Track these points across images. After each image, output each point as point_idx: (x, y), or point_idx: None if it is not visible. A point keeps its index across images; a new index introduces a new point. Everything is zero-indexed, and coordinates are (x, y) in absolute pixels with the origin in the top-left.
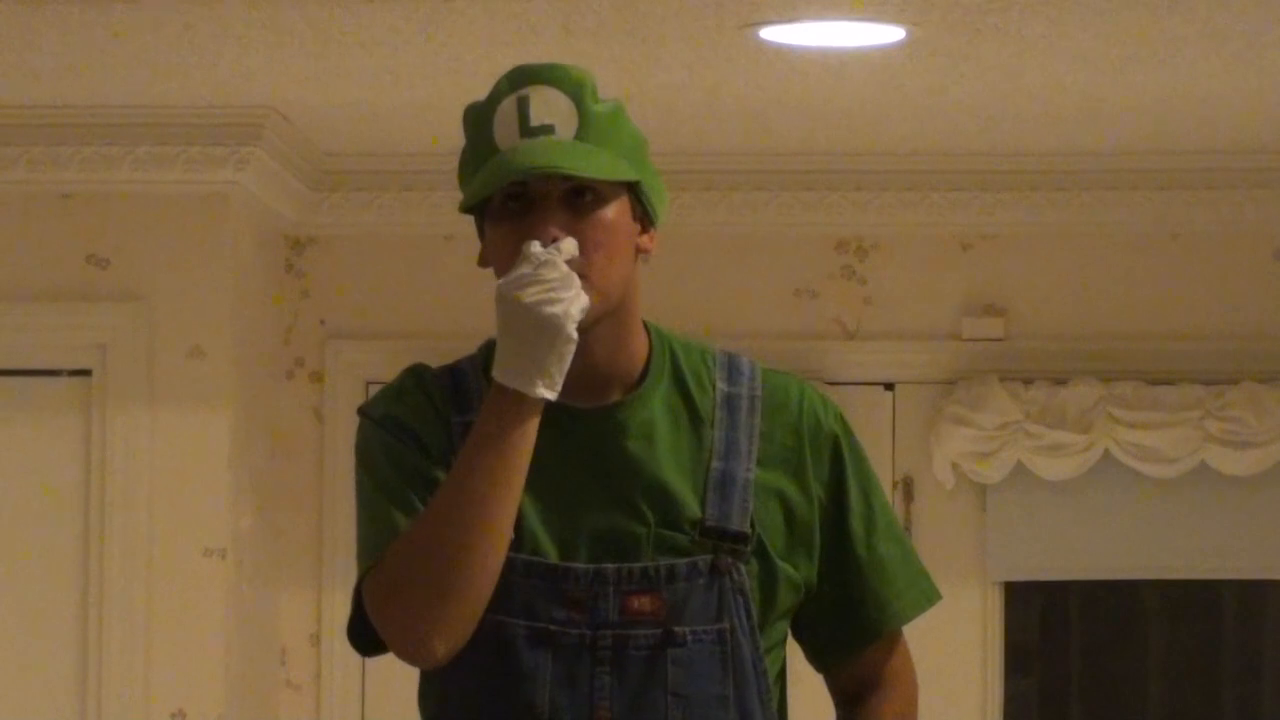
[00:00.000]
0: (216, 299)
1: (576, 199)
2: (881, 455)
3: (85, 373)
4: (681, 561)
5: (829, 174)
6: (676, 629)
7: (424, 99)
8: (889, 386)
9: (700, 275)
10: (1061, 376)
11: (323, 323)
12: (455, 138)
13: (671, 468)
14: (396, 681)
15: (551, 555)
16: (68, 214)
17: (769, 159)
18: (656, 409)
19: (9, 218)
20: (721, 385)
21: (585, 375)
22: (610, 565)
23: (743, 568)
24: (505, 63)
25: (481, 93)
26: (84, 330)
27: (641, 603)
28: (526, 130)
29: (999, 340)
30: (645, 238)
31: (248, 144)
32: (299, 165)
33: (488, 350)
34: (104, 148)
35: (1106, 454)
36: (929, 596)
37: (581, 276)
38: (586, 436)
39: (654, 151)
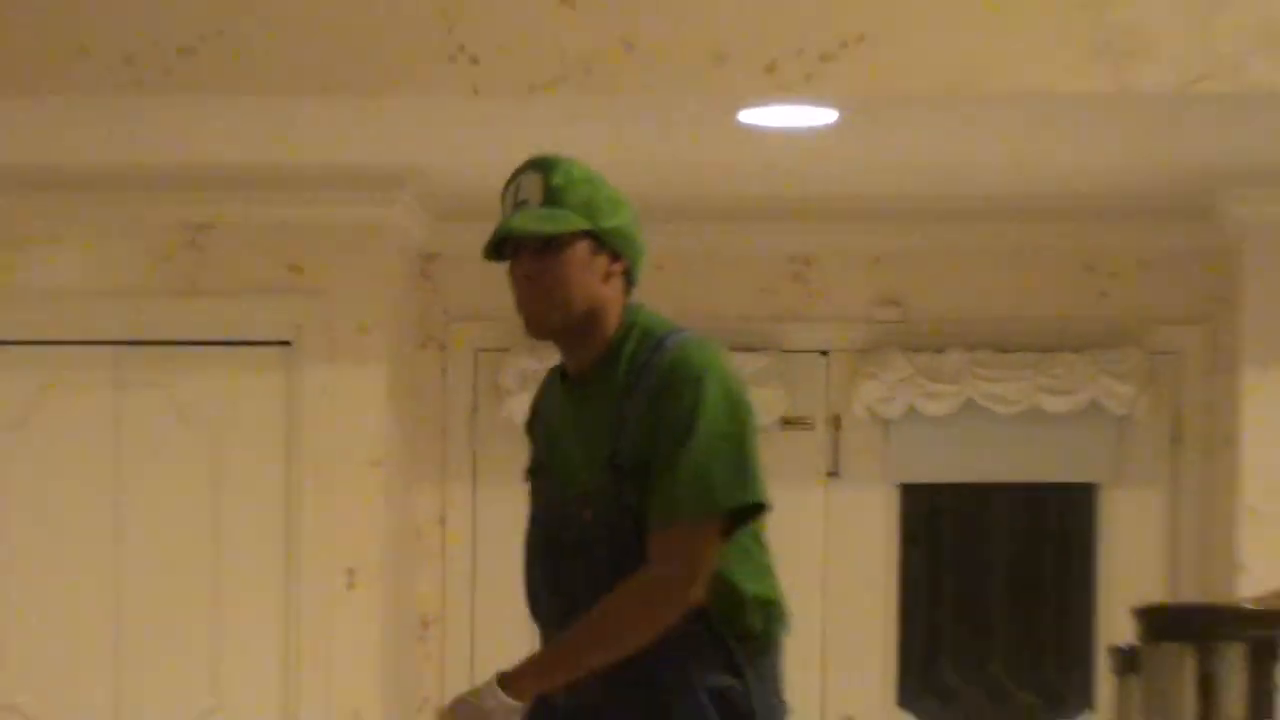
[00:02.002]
0: (375, 293)
1: (545, 246)
2: (817, 401)
3: (287, 343)
4: (600, 485)
5: (783, 209)
6: (593, 519)
7: (507, 160)
8: (824, 353)
9: (699, 279)
10: (939, 347)
11: (445, 311)
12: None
13: (597, 423)
14: (501, 545)
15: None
16: (278, 236)
17: (743, 199)
18: (597, 382)
19: (238, 238)
20: (643, 359)
21: (571, 358)
22: (570, 489)
23: (630, 488)
24: (557, 140)
25: (535, 148)
26: (286, 314)
27: (575, 509)
28: (514, 204)
29: (898, 323)
30: (616, 265)
31: (396, 189)
32: (430, 203)
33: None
34: (302, 192)
35: (969, 400)
36: (697, 507)
37: (558, 302)
38: (569, 398)
39: (667, 194)
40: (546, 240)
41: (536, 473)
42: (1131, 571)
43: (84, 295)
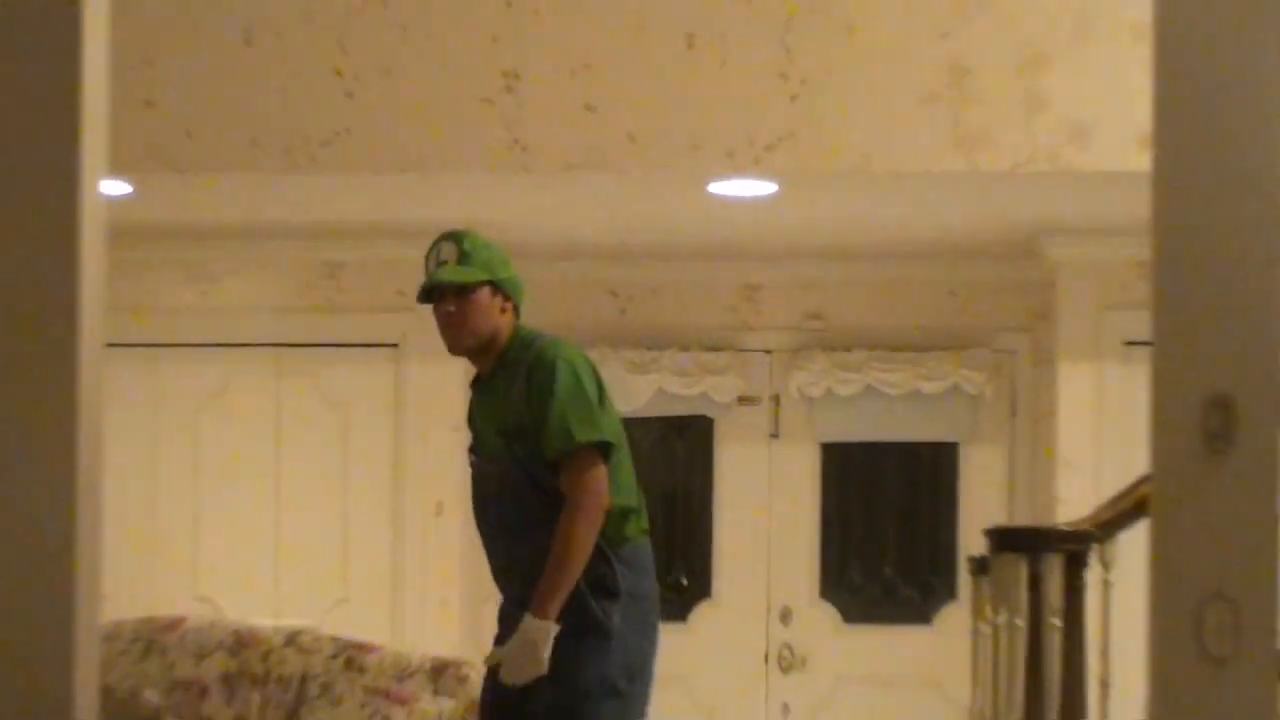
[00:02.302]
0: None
1: (459, 291)
2: (764, 385)
3: (395, 345)
4: (500, 447)
5: (739, 251)
6: (498, 472)
7: (546, 215)
8: (769, 352)
9: (682, 300)
10: (848, 347)
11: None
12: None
13: (497, 406)
14: None
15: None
16: (388, 270)
17: (711, 244)
18: (497, 381)
19: (361, 272)
20: (521, 358)
21: (479, 365)
22: (485, 454)
23: (517, 446)
24: (579, 203)
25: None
26: (395, 326)
27: (490, 467)
28: (436, 262)
29: (820, 331)
30: (507, 302)
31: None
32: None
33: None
34: (403, 239)
35: (868, 385)
36: (564, 445)
37: (469, 329)
38: (480, 393)
39: (658, 240)
40: (461, 287)
41: (472, 450)
42: (982, 504)
43: (256, 311)
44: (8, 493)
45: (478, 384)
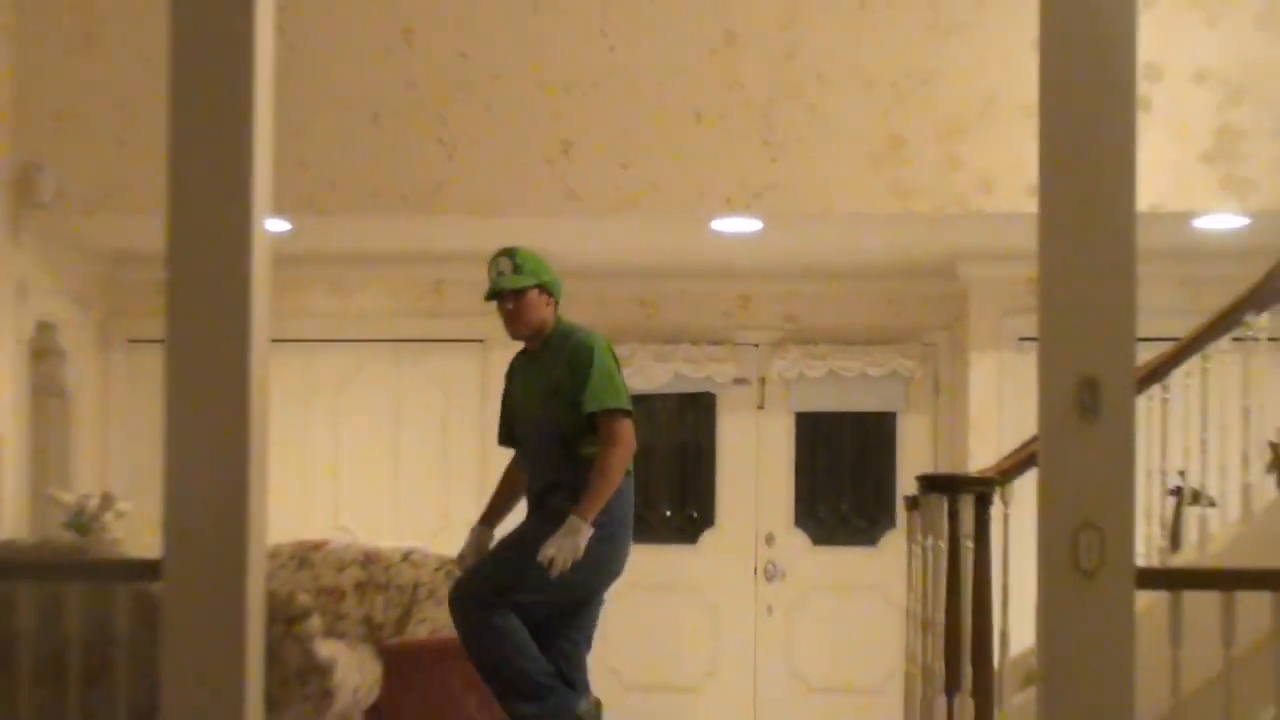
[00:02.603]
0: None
1: (515, 294)
2: (753, 369)
3: (481, 341)
4: (536, 407)
5: (734, 271)
6: (535, 424)
7: (592, 245)
8: (756, 345)
9: (692, 306)
10: (815, 341)
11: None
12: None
13: (542, 376)
14: None
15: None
16: (477, 287)
17: (714, 265)
18: (543, 357)
19: (459, 287)
20: (563, 344)
21: (530, 345)
22: (528, 414)
23: (551, 405)
24: (617, 238)
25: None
26: (481, 327)
27: (529, 423)
28: (496, 273)
29: (794, 329)
30: (550, 299)
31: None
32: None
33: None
34: (482, 263)
35: (830, 369)
36: (603, 404)
37: (524, 322)
38: (527, 366)
39: (676, 262)
40: (516, 290)
41: (511, 411)
42: (913, 457)
43: (380, 316)
44: (202, 449)
45: (524, 359)
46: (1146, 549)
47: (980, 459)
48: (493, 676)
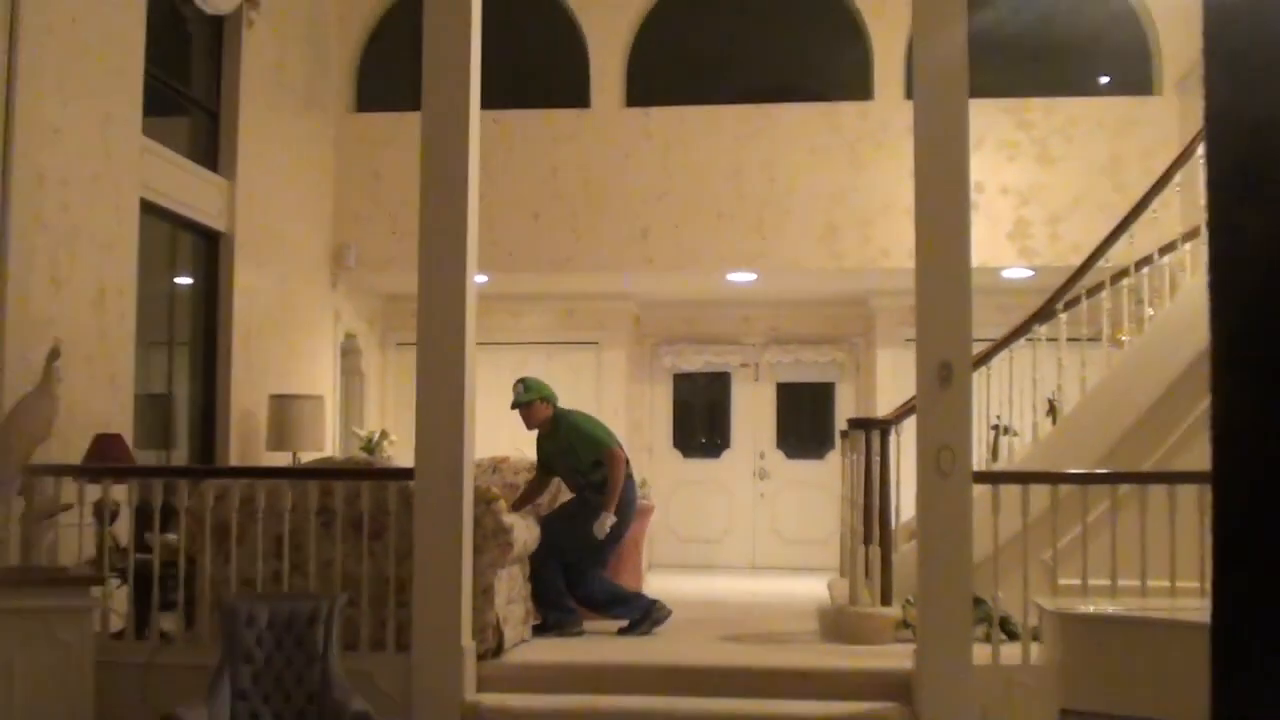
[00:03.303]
0: (622, 327)
1: (525, 405)
2: (751, 359)
3: (595, 343)
4: (554, 461)
5: (740, 300)
6: (558, 468)
7: (669, 290)
8: (754, 345)
9: (714, 323)
10: (788, 342)
11: (642, 331)
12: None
13: (552, 447)
14: (661, 406)
15: (549, 462)
16: (594, 310)
17: (728, 298)
18: (554, 434)
19: (588, 309)
20: (560, 425)
21: (542, 430)
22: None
23: (560, 460)
24: (674, 285)
25: (676, 286)
26: (594, 332)
27: (551, 468)
28: (516, 393)
29: (776, 334)
30: (546, 404)
31: (629, 299)
32: (638, 302)
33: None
34: (603, 301)
35: (796, 358)
36: (598, 451)
37: (533, 420)
38: (542, 442)
39: (702, 297)
40: (527, 404)
41: (545, 459)
42: (845, 408)
43: (539, 328)
44: (438, 405)
45: (542, 436)
46: (978, 460)
47: (883, 409)
48: (539, 592)
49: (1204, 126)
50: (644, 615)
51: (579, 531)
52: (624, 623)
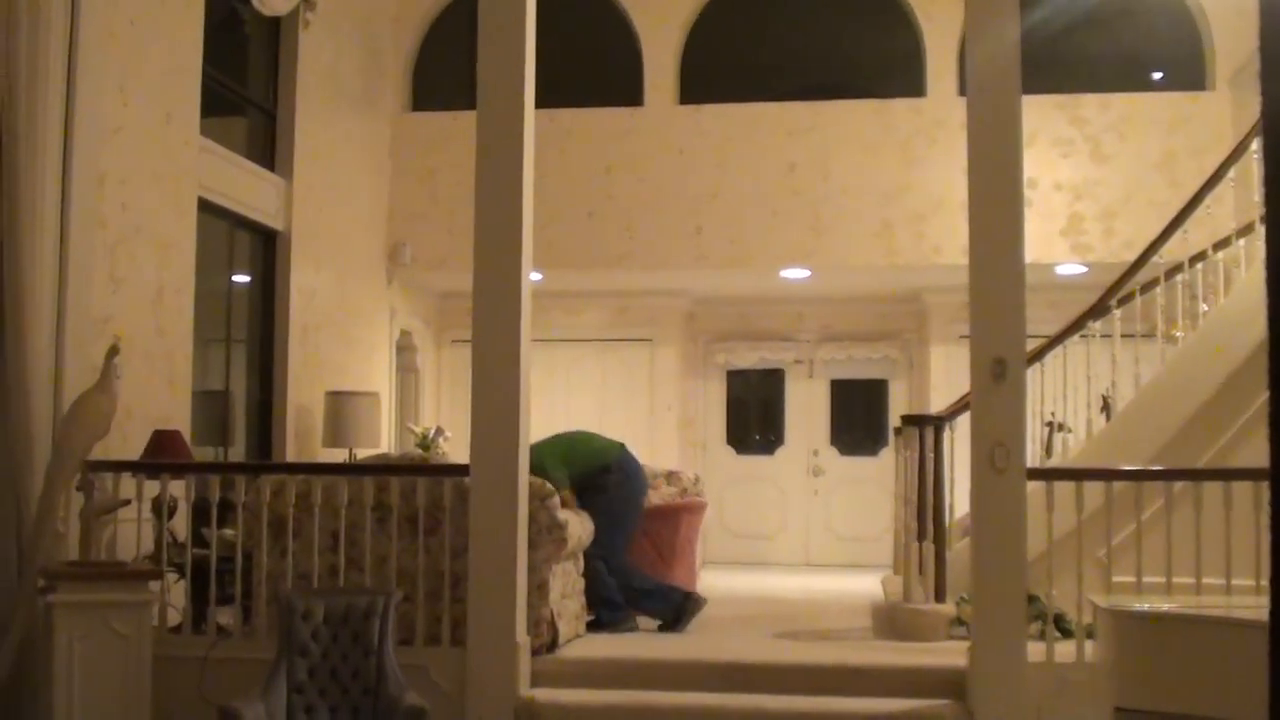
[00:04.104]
0: (674, 323)
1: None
2: (806, 355)
3: (649, 340)
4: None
5: (793, 297)
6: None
7: (721, 288)
8: (808, 341)
9: (768, 318)
10: (842, 339)
11: (695, 328)
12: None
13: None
14: (711, 404)
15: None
16: (648, 306)
17: (781, 295)
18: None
19: (642, 303)
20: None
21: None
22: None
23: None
24: (729, 282)
25: (727, 283)
26: (648, 330)
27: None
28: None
29: (830, 331)
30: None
31: (684, 296)
32: (692, 297)
33: None
34: (657, 298)
35: (850, 355)
36: (604, 465)
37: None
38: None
39: (758, 293)
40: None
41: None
42: (898, 404)
43: (593, 325)
44: (492, 401)
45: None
46: (1032, 457)
47: (936, 406)
48: (591, 589)
49: (1260, 123)
50: (676, 615)
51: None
52: (655, 621)
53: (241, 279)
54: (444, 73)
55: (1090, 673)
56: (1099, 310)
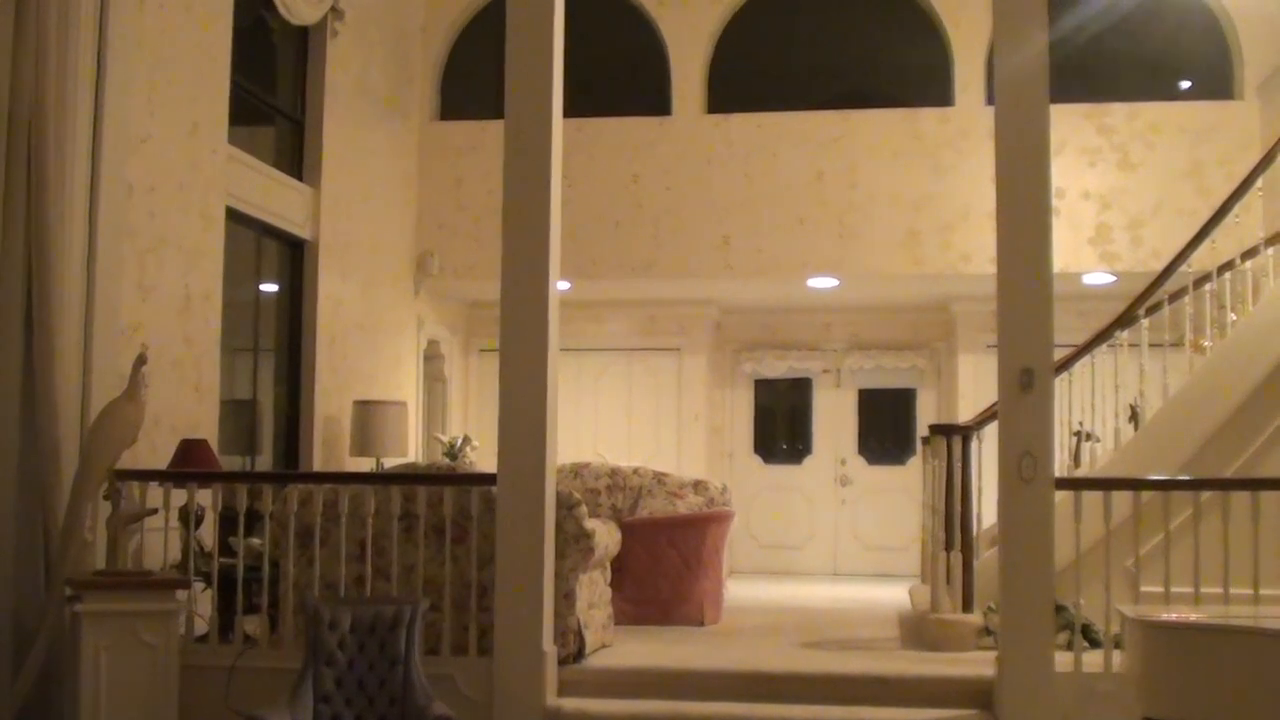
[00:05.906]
0: (701, 332)
1: None
2: (832, 364)
3: (677, 349)
4: None
5: (821, 307)
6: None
7: (748, 297)
8: (836, 350)
9: (795, 328)
10: (869, 348)
11: (721, 336)
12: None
13: None
14: (740, 413)
15: None
16: (675, 315)
17: (808, 304)
18: None
19: (669, 313)
20: None
21: None
22: None
23: None
24: (753, 291)
25: (750, 291)
26: (675, 339)
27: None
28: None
29: (857, 340)
30: None
31: (710, 305)
32: (720, 308)
33: None
34: (685, 306)
35: (877, 364)
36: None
37: None
38: None
39: (786, 303)
40: None
41: None
42: (926, 413)
43: (620, 334)
44: (519, 411)
45: None
46: (1060, 466)
47: (964, 415)
48: None
49: None
50: None
51: None
52: None
53: (269, 288)
54: (472, 82)
55: (1118, 683)
56: (1127, 320)
